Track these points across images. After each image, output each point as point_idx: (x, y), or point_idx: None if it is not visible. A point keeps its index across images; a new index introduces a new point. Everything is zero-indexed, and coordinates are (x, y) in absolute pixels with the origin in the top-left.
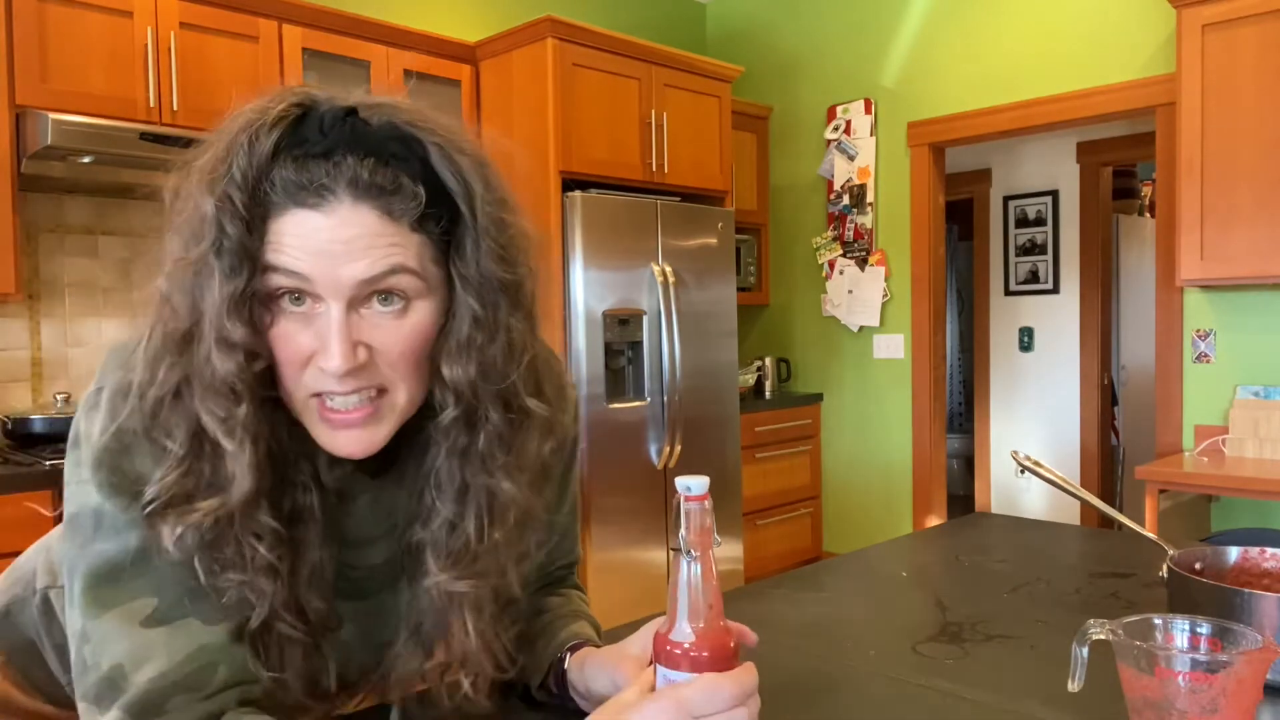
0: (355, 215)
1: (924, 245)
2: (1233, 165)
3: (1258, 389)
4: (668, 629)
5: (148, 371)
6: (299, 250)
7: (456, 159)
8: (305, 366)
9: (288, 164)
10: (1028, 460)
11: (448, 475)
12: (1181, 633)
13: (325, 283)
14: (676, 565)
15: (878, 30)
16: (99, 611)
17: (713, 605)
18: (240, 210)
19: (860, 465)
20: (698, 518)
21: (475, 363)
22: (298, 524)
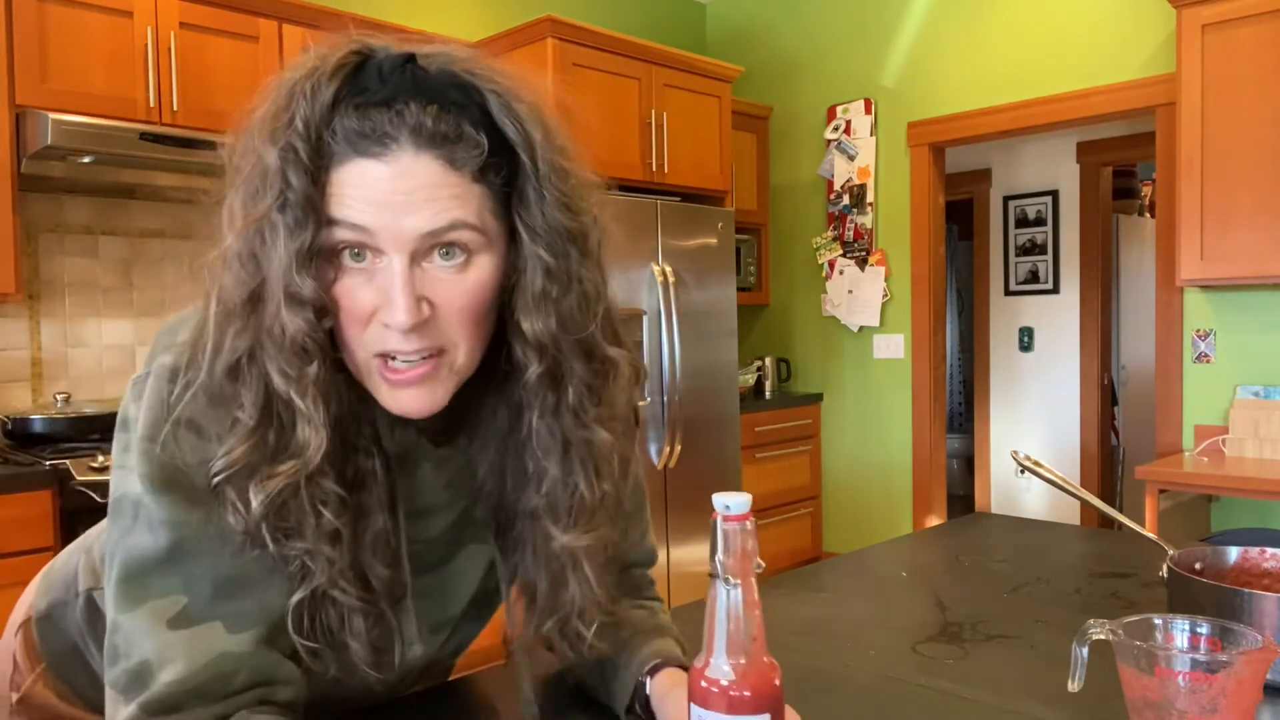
0: (418, 165)
1: (924, 245)
2: (1233, 165)
3: (1258, 389)
4: (704, 664)
5: (215, 339)
6: (361, 202)
7: (515, 107)
8: (368, 324)
9: (349, 113)
10: (1028, 460)
11: (548, 435)
12: (1181, 633)
13: (388, 235)
14: (713, 592)
15: (878, 30)
16: (131, 606)
17: (755, 638)
18: (304, 161)
19: (860, 465)
20: (738, 539)
21: (554, 315)
22: (360, 489)
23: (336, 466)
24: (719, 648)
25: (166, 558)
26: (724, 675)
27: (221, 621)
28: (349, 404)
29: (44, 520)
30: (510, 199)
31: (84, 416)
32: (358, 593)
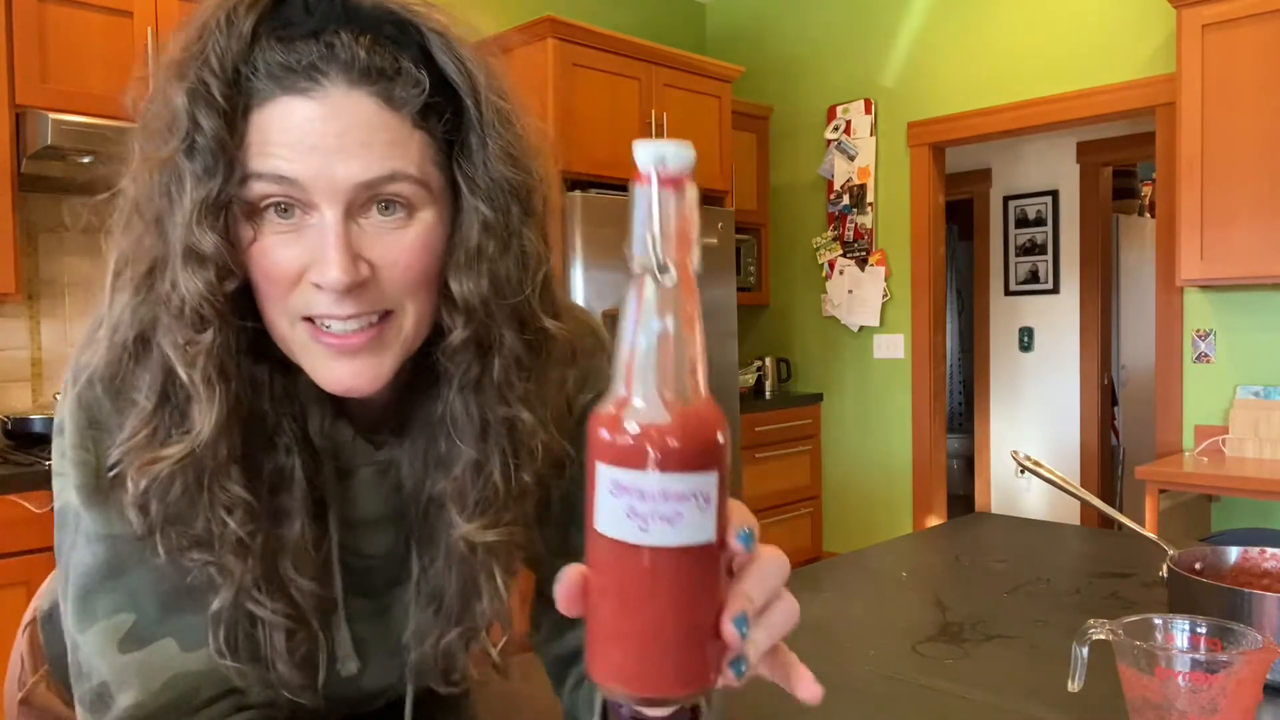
0: (350, 103)
1: (924, 245)
2: (1233, 165)
3: (1258, 389)
4: (618, 405)
5: (113, 315)
6: (286, 148)
7: (457, 47)
8: (295, 285)
9: (272, 45)
10: (1028, 460)
11: (464, 412)
12: (1181, 633)
13: (319, 185)
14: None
15: (878, 30)
16: (84, 625)
17: (693, 368)
18: (217, 100)
19: (860, 465)
20: (674, 210)
21: (486, 275)
22: (279, 492)
23: (250, 467)
24: (643, 379)
25: (107, 574)
26: (650, 417)
27: (174, 638)
28: (270, 389)
29: (44, 520)
30: (452, 149)
31: None
32: (278, 607)
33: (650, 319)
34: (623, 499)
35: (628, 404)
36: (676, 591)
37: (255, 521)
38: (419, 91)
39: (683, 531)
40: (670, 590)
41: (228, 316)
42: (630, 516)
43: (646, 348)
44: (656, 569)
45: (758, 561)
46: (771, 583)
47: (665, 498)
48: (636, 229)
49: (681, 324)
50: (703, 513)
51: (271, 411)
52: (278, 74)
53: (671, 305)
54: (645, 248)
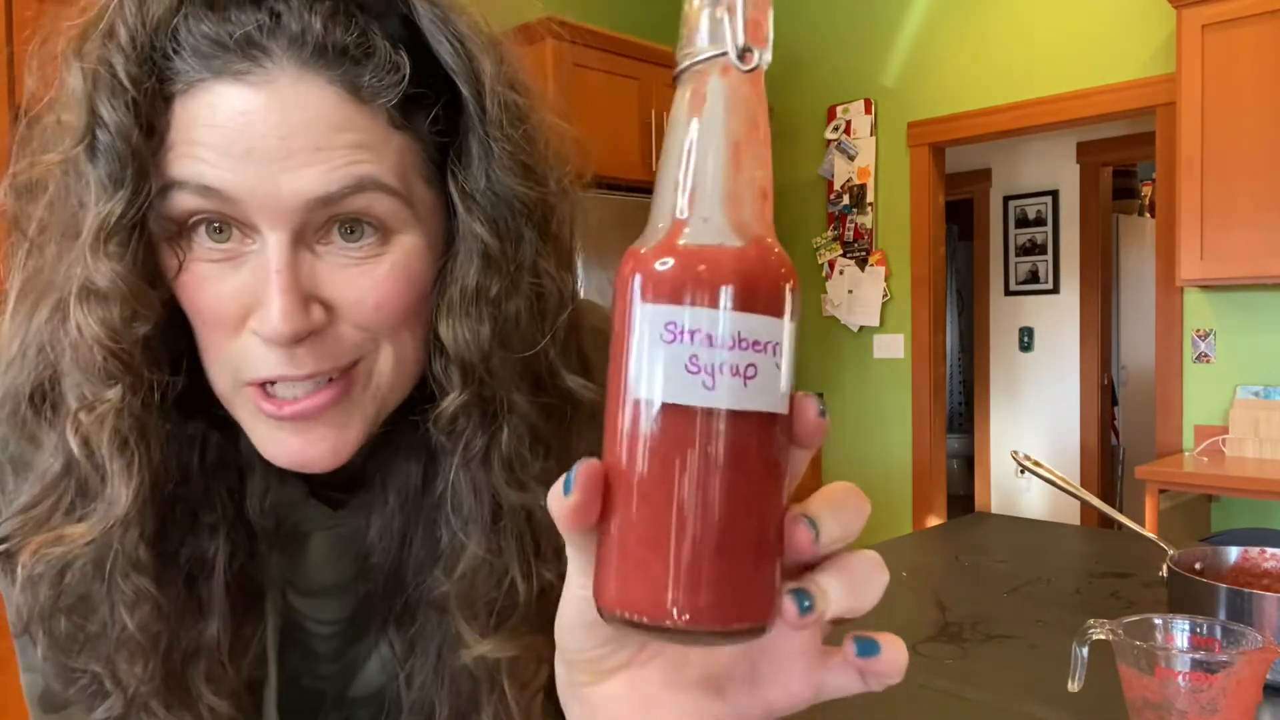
0: (301, 90)
1: (924, 245)
2: (1233, 165)
3: (1258, 389)
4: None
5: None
6: (215, 151)
7: (455, 21)
8: (235, 332)
9: (199, 12)
10: (1028, 460)
11: (470, 495)
12: (1181, 633)
13: (257, 201)
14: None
15: (878, 30)
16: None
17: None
18: (125, 85)
19: (860, 465)
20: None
21: (488, 320)
22: (196, 583)
23: (161, 548)
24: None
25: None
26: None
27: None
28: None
29: None
30: (446, 154)
31: None
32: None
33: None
34: (682, 346)
35: (686, 226)
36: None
37: (162, 621)
38: (398, 79)
39: (757, 393)
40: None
41: (141, 368)
42: (691, 369)
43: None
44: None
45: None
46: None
47: (738, 344)
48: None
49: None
50: (778, 373)
51: (200, 481)
52: (205, 51)
53: (746, 105)
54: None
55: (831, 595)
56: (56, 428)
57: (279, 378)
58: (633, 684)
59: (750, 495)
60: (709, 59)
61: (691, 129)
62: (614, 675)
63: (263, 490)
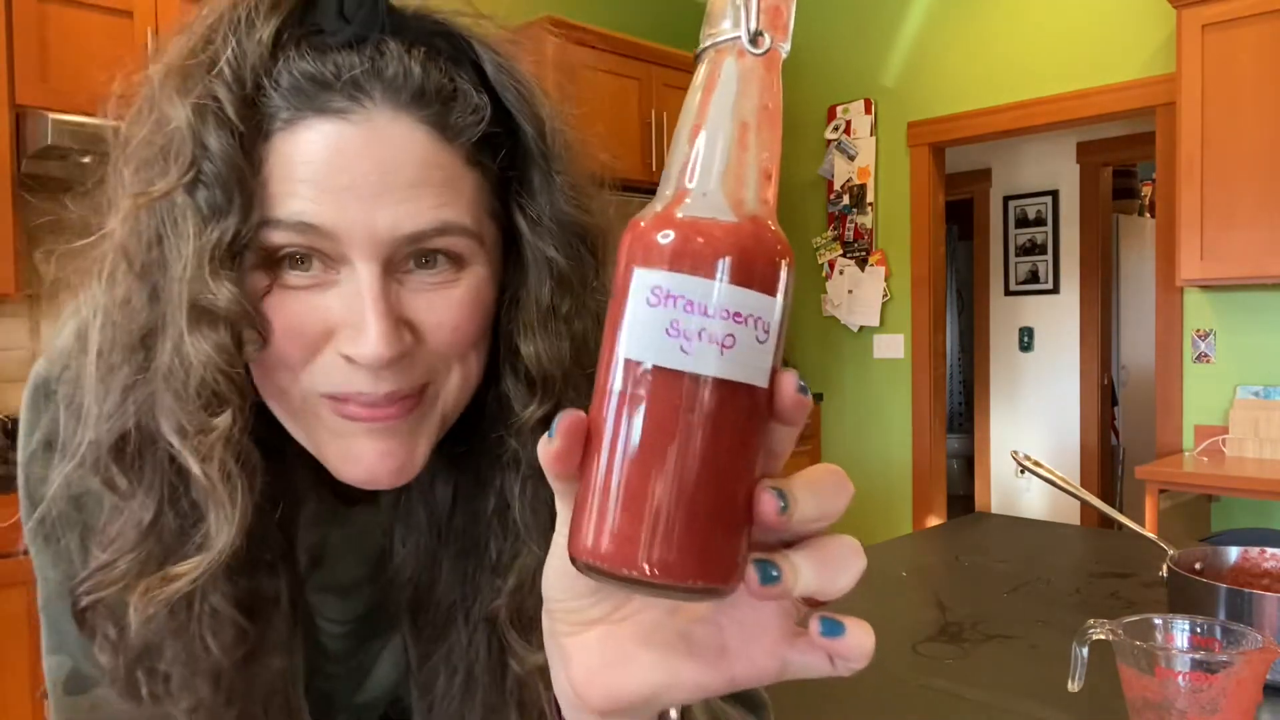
0: (397, 130)
1: (924, 245)
2: (1233, 165)
3: (1258, 389)
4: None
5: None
6: (316, 186)
7: (515, 68)
8: (314, 354)
9: (303, 53)
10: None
11: (530, 511)
12: (1181, 633)
13: (355, 236)
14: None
15: (878, 30)
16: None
17: (770, 173)
18: (231, 119)
19: (860, 465)
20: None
21: (566, 336)
22: (256, 619)
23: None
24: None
25: (47, 611)
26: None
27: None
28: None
29: None
30: (509, 188)
31: None
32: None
33: (729, 101)
34: (664, 310)
35: (686, 198)
36: (708, 440)
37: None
38: (478, 119)
39: (734, 363)
40: (702, 436)
41: (245, 393)
42: (671, 333)
43: (721, 135)
44: (690, 404)
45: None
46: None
47: (719, 313)
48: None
49: (762, 116)
50: (760, 347)
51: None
52: (307, 89)
53: (757, 88)
54: (737, 10)
55: (801, 572)
56: (149, 474)
57: (357, 396)
58: (606, 638)
59: (719, 460)
60: (725, 41)
61: (701, 107)
62: (590, 628)
63: (311, 525)
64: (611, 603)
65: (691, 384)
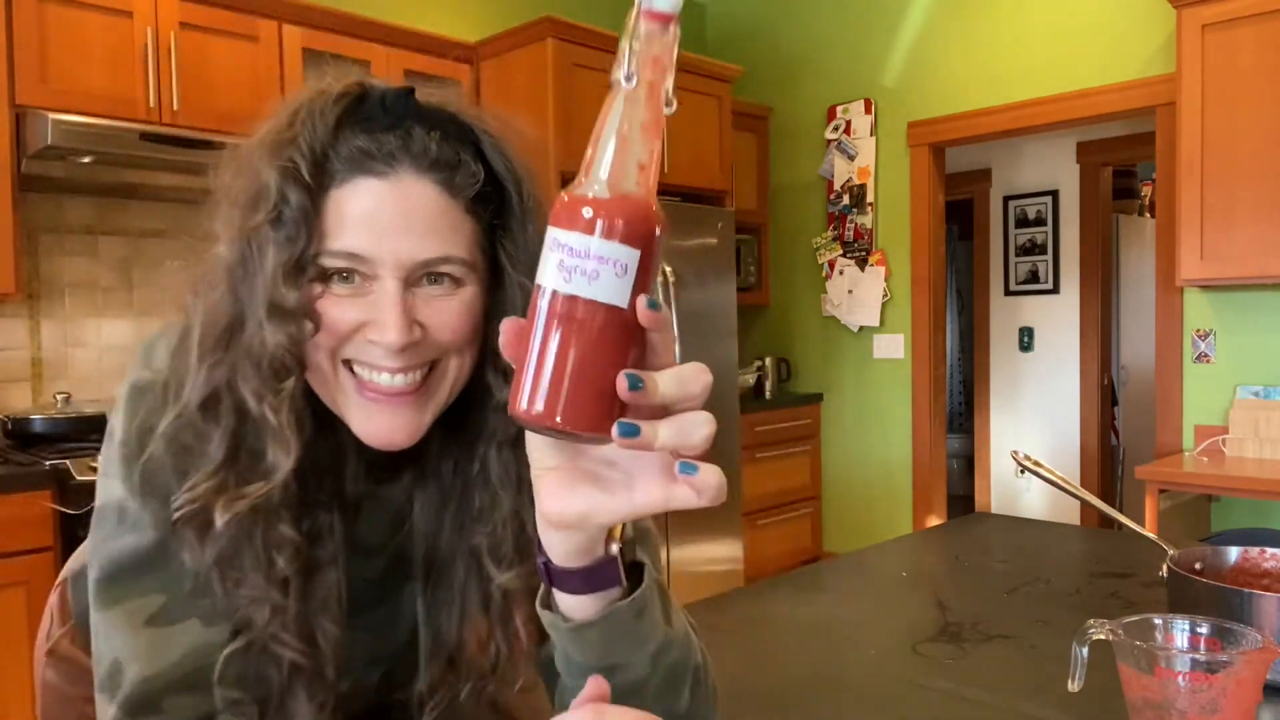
0: (418, 187)
1: (924, 245)
2: (1233, 165)
3: (1258, 389)
4: (576, 184)
5: (188, 370)
6: (360, 226)
7: (504, 146)
8: (348, 339)
9: (357, 133)
10: (1028, 460)
11: (502, 469)
12: (1181, 633)
13: (384, 260)
14: (611, 101)
15: (878, 30)
16: (107, 606)
17: (644, 166)
18: (305, 179)
19: (860, 465)
20: (658, 41)
21: None
22: (316, 543)
23: (294, 515)
24: (601, 163)
25: (150, 557)
26: (592, 191)
27: (198, 617)
28: (315, 447)
29: (44, 520)
30: (495, 232)
31: (84, 416)
32: (299, 646)
33: (612, 119)
34: (556, 253)
35: (582, 183)
36: (582, 338)
37: (298, 562)
38: (474, 182)
39: (597, 288)
40: (577, 336)
41: (304, 366)
42: (559, 269)
43: (605, 142)
44: (569, 315)
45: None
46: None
47: (587, 255)
48: (620, 46)
49: (637, 129)
50: (619, 280)
51: (315, 468)
52: (359, 159)
53: (631, 112)
54: (619, 60)
55: (660, 431)
56: (225, 425)
57: (380, 367)
58: (557, 476)
59: (592, 350)
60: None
61: (599, 124)
62: (549, 473)
63: (354, 477)
64: (558, 456)
65: (569, 301)
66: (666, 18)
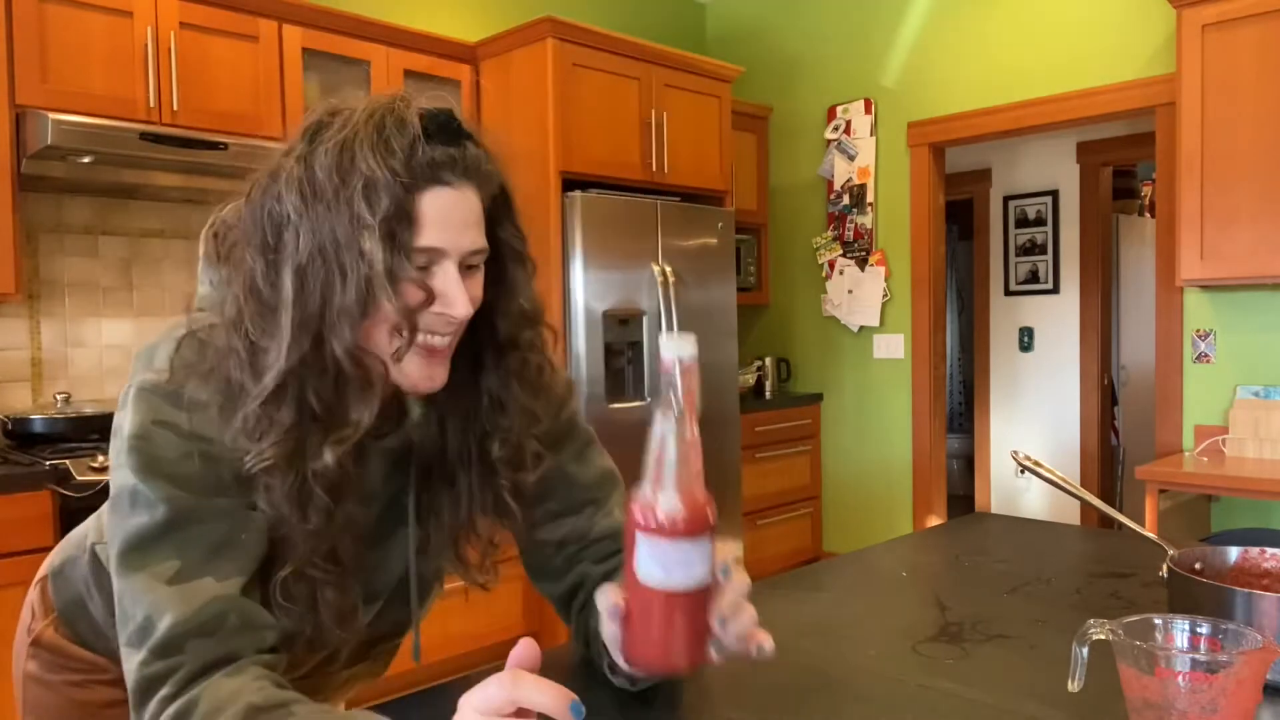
0: (469, 192)
1: (924, 245)
2: (1233, 165)
3: (1258, 389)
4: (650, 495)
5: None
6: (436, 225)
7: (499, 158)
8: (413, 313)
9: (433, 146)
10: (1028, 460)
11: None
12: (1181, 633)
13: (449, 249)
14: (660, 429)
15: (878, 30)
16: (131, 572)
17: (697, 473)
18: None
19: (860, 465)
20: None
21: (527, 300)
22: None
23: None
24: (666, 480)
25: (163, 529)
26: (671, 505)
27: (211, 575)
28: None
29: (44, 520)
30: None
31: (84, 416)
32: (325, 565)
33: (670, 444)
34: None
35: (656, 495)
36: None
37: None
38: (495, 188)
39: (691, 576)
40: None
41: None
42: (656, 567)
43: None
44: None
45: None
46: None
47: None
48: (664, 390)
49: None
50: (704, 562)
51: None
52: (437, 170)
53: (684, 436)
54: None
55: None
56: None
57: (440, 332)
58: None
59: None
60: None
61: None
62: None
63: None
64: None
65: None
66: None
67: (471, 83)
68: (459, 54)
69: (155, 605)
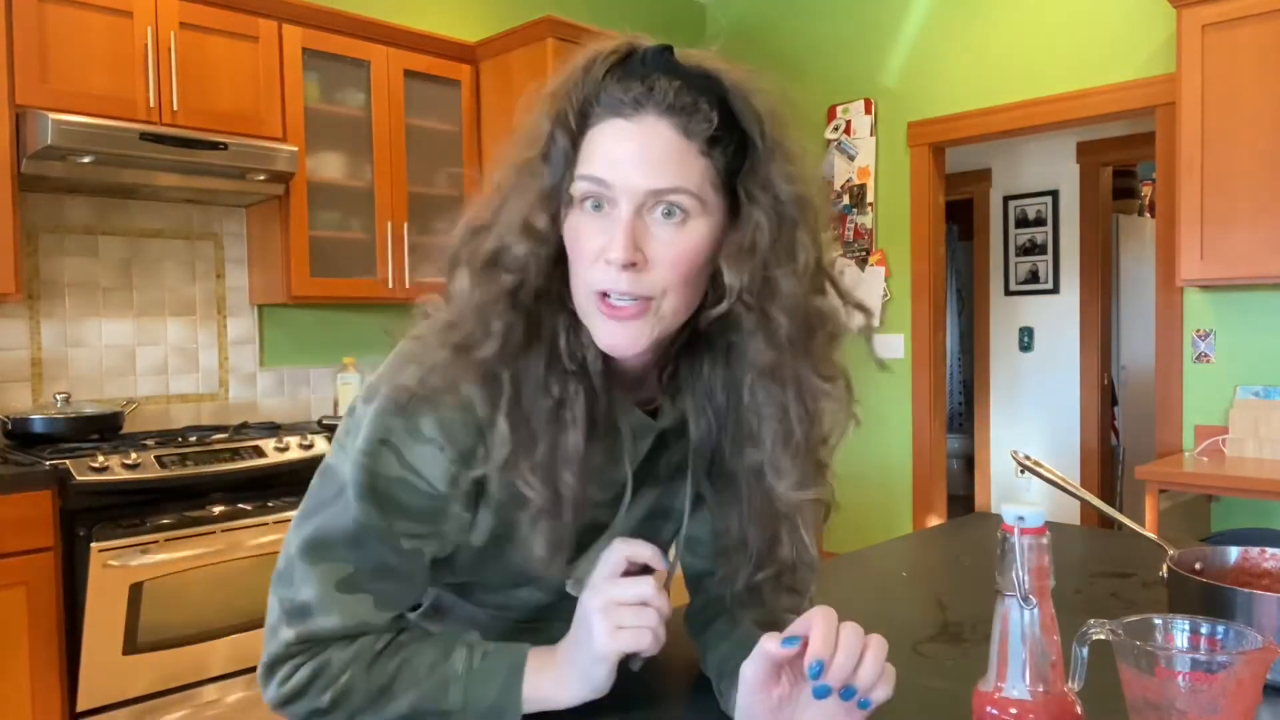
0: (658, 127)
1: (924, 245)
2: (1233, 165)
3: (1258, 389)
4: (994, 689)
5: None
6: (605, 159)
7: (749, 96)
8: (593, 262)
9: (615, 85)
10: (1028, 460)
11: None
12: (1181, 633)
13: (621, 186)
14: (1005, 612)
15: (878, 30)
16: (312, 562)
17: (1055, 663)
18: (570, 124)
19: (860, 465)
20: (1034, 555)
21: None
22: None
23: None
24: (1015, 673)
25: (349, 541)
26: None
27: (373, 596)
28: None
29: (44, 520)
30: (735, 174)
31: (84, 416)
32: (539, 488)
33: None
34: None
35: (1003, 688)
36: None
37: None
38: (708, 126)
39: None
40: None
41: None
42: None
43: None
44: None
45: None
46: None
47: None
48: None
49: (1042, 633)
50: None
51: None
52: (614, 104)
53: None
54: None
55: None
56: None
57: (612, 290)
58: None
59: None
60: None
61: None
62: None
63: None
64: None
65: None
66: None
67: (471, 83)
68: (459, 54)
69: (318, 602)
